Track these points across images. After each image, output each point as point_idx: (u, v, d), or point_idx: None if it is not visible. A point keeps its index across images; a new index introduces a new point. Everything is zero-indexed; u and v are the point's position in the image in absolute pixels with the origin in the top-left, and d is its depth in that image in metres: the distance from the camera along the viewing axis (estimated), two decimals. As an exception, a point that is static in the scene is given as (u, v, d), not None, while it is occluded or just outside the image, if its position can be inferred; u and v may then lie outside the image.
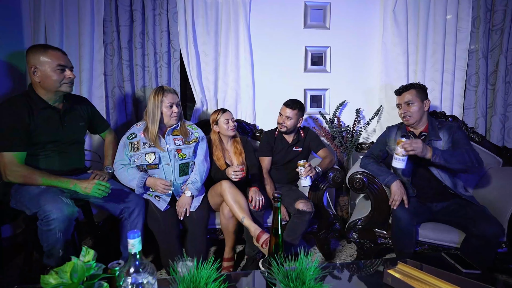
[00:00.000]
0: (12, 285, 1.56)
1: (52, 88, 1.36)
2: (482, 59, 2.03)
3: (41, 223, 1.22)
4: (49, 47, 1.36)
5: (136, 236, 0.78)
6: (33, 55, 1.32)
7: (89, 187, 1.33)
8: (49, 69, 1.32)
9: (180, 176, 1.65)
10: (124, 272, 0.79)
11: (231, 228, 1.66)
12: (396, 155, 1.45)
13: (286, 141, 1.98)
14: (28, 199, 1.28)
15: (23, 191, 1.33)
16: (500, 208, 1.49)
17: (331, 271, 1.14)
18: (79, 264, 0.77)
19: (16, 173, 1.30)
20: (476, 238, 1.36)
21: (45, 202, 1.22)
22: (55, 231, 1.20)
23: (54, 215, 1.19)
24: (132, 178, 1.55)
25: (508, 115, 2.04)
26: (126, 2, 2.07)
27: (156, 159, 1.58)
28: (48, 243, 1.22)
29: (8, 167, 1.28)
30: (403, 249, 1.54)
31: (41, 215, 1.22)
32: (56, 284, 0.73)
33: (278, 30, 2.33)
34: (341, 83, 2.42)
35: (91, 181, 1.34)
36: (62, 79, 1.36)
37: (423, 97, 1.65)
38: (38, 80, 1.33)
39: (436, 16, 2.15)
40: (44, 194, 1.27)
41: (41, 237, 1.24)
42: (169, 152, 1.62)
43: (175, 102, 1.61)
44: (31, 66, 1.32)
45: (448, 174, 1.58)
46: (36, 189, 1.31)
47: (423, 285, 1.03)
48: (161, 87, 1.62)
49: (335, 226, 1.87)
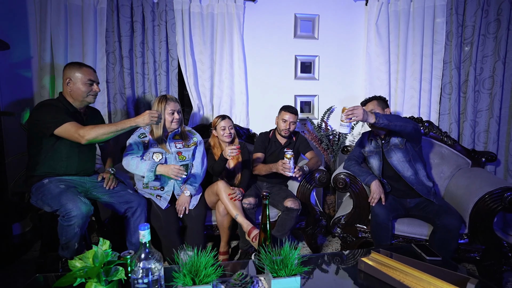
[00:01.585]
0: (28, 276, 1.70)
1: (80, 98, 1.57)
2: (454, 69, 2.23)
3: (62, 219, 1.37)
4: (84, 65, 1.59)
5: (146, 228, 0.94)
6: (70, 69, 1.55)
7: (145, 118, 1.46)
8: (81, 82, 1.54)
9: None
10: (136, 258, 0.95)
11: (226, 224, 1.82)
12: (342, 122, 1.58)
13: (280, 143, 2.14)
14: (50, 198, 1.43)
15: (44, 190, 1.47)
16: (464, 204, 1.69)
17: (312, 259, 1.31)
18: (99, 252, 0.92)
19: (87, 131, 1.43)
20: (440, 231, 1.55)
21: (66, 201, 1.37)
22: (74, 227, 1.35)
23: (75, 212, 1.35)
24: (141, 165, 1.64)
25: (478, 121, 2.24)
26: (127, 13, 2.21)
27: (163, 159, 1.74)
28: (67, 237, 1.37)
29: (77, 131, 1.43)
30: (381, 241, 1.71)
31: (62, 212, 1.37)
32: (81, 267, 0.88)
33: (270, 40, 2.50)
34: (329, 90, 2.60)
35: (145, 113, 1.47)
36: (89, 91, 1.58)
37: (384, 106, 1.86)
38: (69, 90, 1.55)
39: (415, 29, 2.34)
40: (65, 193, 1.42)
41: (60, 231, 1.39)
42: (172, 154, 1.78)
43: (176, 109, 1.77)
44: (66, 78, 1.54)
45: (409, 163, 1.76)
46: (56, 188, 1.45)
47: (391, 270, 1.20)
48: (164, 95, 1.78)
49: (321, 223, 2.05)
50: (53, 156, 1.53)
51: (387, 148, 1.83)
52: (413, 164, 1.77)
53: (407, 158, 1.77)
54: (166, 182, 1.77)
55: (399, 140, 1.79)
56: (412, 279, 1.13)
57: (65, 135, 1.45)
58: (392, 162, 1.80)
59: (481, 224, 1.60)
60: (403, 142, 1.78)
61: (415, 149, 1.78)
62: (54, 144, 1.52)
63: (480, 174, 1.85)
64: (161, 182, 1.76)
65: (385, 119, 1.57)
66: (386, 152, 1.83)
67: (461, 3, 2.19)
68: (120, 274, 0.94)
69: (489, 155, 2.04)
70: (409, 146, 1.77)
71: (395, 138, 1.81)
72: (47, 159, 1.53)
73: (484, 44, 2.19)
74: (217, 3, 2.33)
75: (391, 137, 1.82)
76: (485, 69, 2.20)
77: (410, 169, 1.76)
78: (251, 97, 2.51)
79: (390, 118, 1.60)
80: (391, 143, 1.81)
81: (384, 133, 1.85)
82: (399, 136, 1.78)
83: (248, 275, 1.07)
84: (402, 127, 1.61)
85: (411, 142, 1.77)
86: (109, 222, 1.76)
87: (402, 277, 1.15)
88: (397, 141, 1.80)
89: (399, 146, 1.78)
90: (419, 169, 1.78)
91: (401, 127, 1.61)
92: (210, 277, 0.98)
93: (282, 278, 1.03)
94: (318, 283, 1.18)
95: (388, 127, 1.60)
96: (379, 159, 1.86)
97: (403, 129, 1.62)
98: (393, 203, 1.78)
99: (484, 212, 1.59)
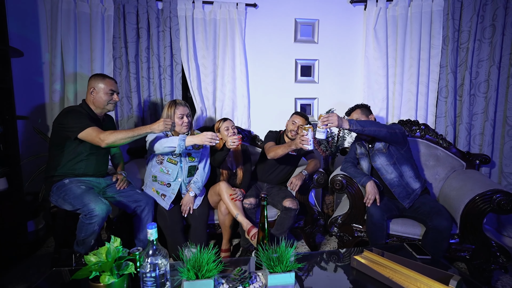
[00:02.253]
0: (42, 270, 1.82)
1: (101, 106, 1.72)
2: (450, 73, 2.28)
3: (84, 218, 1.48)
4: (107, 76, 1.76)
5: (153, 227, 1.04)
6: (94, 80, 1.71)
7: (160, 125, 1.59)
8: (103, 92, 1.70)
9: (187, 177, 1.90)
10: (144, 254, 1.04)
11: (227, 223, 1.92)
12: (318, 128, 1.65)
13: None
14: (72, 197, 1.54)
15: (66, 190, 1.58)
16: (456, 205, 1.75)
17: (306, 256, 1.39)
18: (111, 248, 1.02)
19: (107, 136, 1.55)
20: (432, 231, 1.62)
21: (89, 201, 1.49)
22: (94, 225, 1.47)
23: (97, 212, 1.46)
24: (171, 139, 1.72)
25: (474, 124, 2.30)
26: (133, 20, 2.31)
27: (178, 157, 1.84)
28: (86, 233, 1.48)
29: (98, 136, 1.55)
30: (376, 240, 1.79)
31: (85, 211, 1.48)
32: (96, 262, 0.98)
33: (271, 44, 2.58)
34: (328, 93, 2.67)
35: (159, 121, 1.61)
36: (110, 100, 1.73)
37: (367, 114, 1.96)
38: (92, 98, 1.71)
39: (412, 34, 2.40)
40: (87, 194, 1.53)
41: (80, 228, 1.50)
42: (182, 155, 1.87)
43: (185, 113, 1.87)
44: (91, 87, 1.70)
45: (393, 166, 1.85)
46: (78, 189, 1.57)
47: (382, 268, 1.28)
48: (174, 100, 1.88)
49: (319, 222, 2.13)
50: (74, 158, 1.65)
51: (372, 152, 1.92)
52: (398, 167, 1.85)
53: (391, 161, 1.85)
54: (175, 178, 1.85)
55: (382, 144, 1.87)
56: (401, 276, 1.21)
57: (87, 139, 1.58)
58: (376, 166, 1.89)
59: (471, 224, 1.67)
60: (386, 147, 1.86)
61: (400, 152, 1.85)
62: (76, 147, 1.65)
63: (473, 176, 1.91)
64: (170, 176, 1.84)
65: (358, 125, 1.65)
66: (371, 156, 1.92)
67: (458, 9, 2.24)
68: (130, 269, 1.04)
69: (483, 157, 2.10)
70: (393, 149, 1.85)
71: (379, 143, 1.89)
72: (68, 160, 1.65)
73: (480, 49, 2.24)
74: (219, 9, 2.41)
75: (375, 142, 1.90)
76: (481, 73, 2.25)
77: (394, 171, 1.85)
78: (252, 100, 2.60)
79: (364, 124, 1.68)
80: (375, 148, 1.90)
81: (369, 139, 1.94)
82: (381, 141, 1.86)
83: (246, 270, 1.16)
84: (376, 132, 1.70)
85: (394, 145, 1.85)
86: (117, 220, 1.86)
87: (392, 274, 1.23)
88: (380, 146, 1.88)
89: (383, 151, 1.87)
90: (405, 171, 1.85)
91: (375, 132, 1.70)
92: (212, 272, 1.07)
93: (278, 273, 1.11)
94: (312, 279, 1.26)
95: (362, 132, 1.69)
96: (368, 162, 1.96)
97: (377, 134, 1.71)
98: (388, 204, 1.85)
99: (474, 213, 1.65)
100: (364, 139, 1.98)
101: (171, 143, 1.70)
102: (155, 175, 1.83)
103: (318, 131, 1.64)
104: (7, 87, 1.88)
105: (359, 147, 2.03)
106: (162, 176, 1.84)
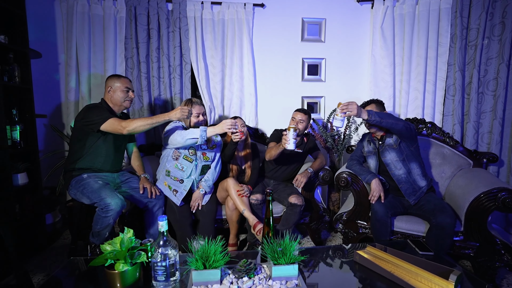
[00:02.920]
0: (60, 260, 1.93)
1: (118, 103, 1.82)
2: (458, 72, 2.27)
3: (101, 211, 1.57)
4: (122, 76, 1.87)
5: (164, 219, 1.10)
6: (111, 80, 1.83)
7: (177, 113, 1.67)
8: (119, 89, 1.81)
9: (200, 175, 1.96)
10: (155, 245, 1.11)
11: (235, 218, 1.98)
12: (336, 115, 1.67)
13: None
14: (90, 191, 1.63)
15: (85, 184, 1.67)
16: (461, 203, 1.76)
17: (310, 250, 1.44)
18: (125, 238, 1.09)
19: (128, 123, 1.65)
20: (435, 228, 1.64)
21: (105, 196, 1.57)
22: (109, 218, 1.56)
23: (113, 206, 1.55)
24: (191, 130, 1.75)
25: (482, 122, 2.28)
26: (144, 21, 2.38)
27: (194, 155, 1.91)
28: (101, 226, 1.57)
29: (120, 124, 1.65)
30: (380, 237, 1.82)
31: (101, 205, 1.56)
32: (111, 250, 1.05)
33: (278, 44, 2.61)
34: (335, 91, 2.69)
35: (176, 109, 1.68)
36: (126, 97, 1.83)
37: (382, 110, 1.96)
38: (110, 96, 1.82)
39: (419, 32, 2.39)
40: (104, 189, 1.62)
41: (96, 221, 1.58)
42: (197, 154, 1.93)
43: (201, 112, 1.93)
44: (108, 86, 1.81)
45: (402, 162, 1.86)
46: (96, 184, 1.66)
47: (384, 262, 1.31)
48: (190, 99, 1.95)
49: (325, 218, 2.17)
50: (93, 152, 1.75)
51: (382, 148, 1.92)
52: (406, 164, 1.86)
53: (400, 158, 1.86)
54: (188, 176, 1.90)
55: (393, 140, 1.88)
56: (402, 271, 1.24)
57: (109, 129, 1.67)
58: (386, 161, 1.90)
59: (476, 222, 1.68)
60: (397, 142, 1.87)
61: (410, 149, 1.86)
62: (96, 143, 1.75)
63: (479, 174, 1.91)
64: (184, 173, 1.89)
65: (377, 116, 1.66)
66: (381, 152, 1.93)
67: (466, 6, 2.22)
68: (143, 258, 1.11)
69: (491, 156, 2.09)
70: (404, 145, 1.86)
71: (389, 139, 1.90)
72: (88, 155, 1.75)
73: (489, 47, 2.22)
74: (227, 10, 2.46)
75: (386, 138, 1.91)
76: (489, 71, 2.23)
77: (403, 168, 1.86)
78: (260, 98, 2.64)
79: (382, 115, 1.69)
80: (386, 143, 1.91)
81: (381, 134, 1.95)
82: (393, 135, 1.88)
83: (252, 262, 1.21)
84: (394, 124, 1.70)
85: (405, 141, 1.85)
86: (129, 214, 1.95)
87: (394, 269, 1.26)
88: (391, 141, 1.89)
89: (393, 146, 1.88)
90: (414, 168, 1.86)
91: (392, 124, 1.70)
92: (219, 262, 1.13)
93: (282, 265, 1.16)
94: (315, 272, 1.30)
95: (380, 124, 1.69)
96: (376, 160, 1.96)
97: (394, 126, 1.71)
98: (392, 201, 1.87)
99: (479, 211, 1.66)
100: (375, 134, 1.98)
101: (193, 135, 1.72)
102: (168, 170, 1.90)
103: (336, 119, 1.65)
104: (27, 87, 1.99)
105: (368, 145, 2.04)
106: (175, 172, 1.90)
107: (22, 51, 1.97)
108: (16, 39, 1.96)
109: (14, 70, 1.93)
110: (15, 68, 1.94)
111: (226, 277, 1.16)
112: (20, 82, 1.97)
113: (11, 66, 1.92)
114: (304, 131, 2.19)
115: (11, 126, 1.89)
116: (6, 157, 1.76)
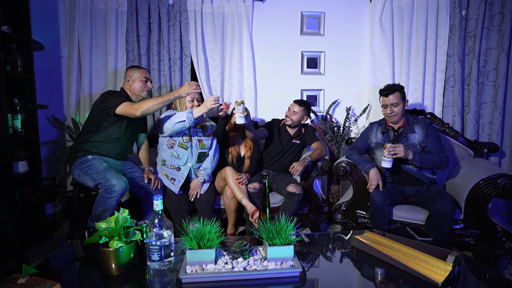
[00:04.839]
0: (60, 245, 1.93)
1: (136, 92, 1.88)
2: (457, 62, 2.26)
3: (105, 192, 1.58)
4: (141, 67, 1.96)
5: (159, 198, 1.11)
6: (131, 69, 1.90)
7: (186, 88, 1.68)
8: (138, 79, 1.87)
9: (197, 163, 1.97)
10: (150, 225, 1.11)
11: (233, 207, 1.97)
12: (384, 157, 1.72)
13: (289, 133, 2.26)
14: (96, 172, 1.64)
15: (90, 165, 1.69)
16: (460, 191, 1.74)
17: (307, 235, 1.43)
18: (120, 217, 1.10)
19: (140, 104, 1.67)
20: (434, 214, 1.62)
21: (111, 177, 1.59)
22: (112, 199, 1.57)
23: (117, 187, 1.56)
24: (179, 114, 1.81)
25: (482, 113, 2.26)
26: (145, 15, 2.41)
27: (189, 142, 1.92)
28: (104, 207, 1.59)
29: (133, 106, 1.68)
30: (379, 225, 1.80)
31: (106, 186, 1.57)
32: (105, 228, 1.06)
33: (277, 37, 2.63)
34: (334, 84, 2.69)
35: (184, 85, 1.70)
36: (144, 87, 1.89)
37: (404, 98, 1.92)
38: (129, 86, 1.88)
39: (418, 23, 2.39)
40: (109, 170, 1.64)
41: (99, 202, 1.60)
42: (193, 140, 1.95)
43: (195, 98, 1.97)
44: (128, 76, 1.88)
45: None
46: (101, 165, 1.67)
47: (382, 246, 1.30)
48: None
49: (324, 209, 2.15)
50: (105, 137, 1.78)
51: (398, 140, 1.87)
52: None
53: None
54: (185, 163, 1.92)
55: (418, 141, 1.84)
56: (400, 254, 1.22)
57: (123, 112, 1.68)
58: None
59: (476, 209, 1.66)
60: (422, 144, 1.83)
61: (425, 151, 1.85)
62: (110, 127, 1.78)
63: (479, 163, 1.89)
64: (180, 161, 1.92)
65: (419, 162, 1.75)
66: (400, 141, 1.86)
67: (465, -3, 2.22)
68: (137, 236, 1.11)
69: (491, 146, 2.07)
70: (427, 149, 1.84)
71: (414, 139, 1.86)
72: (99, 138, 1.77)
73: (488, 37, 2.21)
74: (227, 3, 2.49)
75: (408, 133, 1.87)
76: (489, 61, 2.22)
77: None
78: (259, 91, 2.65)
79: (425, 160, 1.76)
80: (409, 141, 1.86)
81: (399, 126, 1.92)
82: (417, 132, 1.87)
83: (247, 243, 1.21)
84: (432, 168, 1.81)
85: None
86: (128, 203, 1.96)
87: (391, 252, 1.24)
88: (415, 141, 1.85)
89: (417, 147, 1.84)
90: None
91: (430, 168, 1.81)
92: (213, 241, 1.12)
93: (277, 246, 1.15)
94: (312, 256, 1.30)
95: (420, 166, 1.79)
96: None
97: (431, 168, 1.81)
98: (391, 190, 1.86)
99: (479, 197, 1.64)
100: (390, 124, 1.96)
101: (180, 118, 1.77)
102: (164, 159, 1.91)
103: (384, 160, 1.73)
104: (29, 78, 2.02)
105: (377, 136, 1.98)
106: (172, 160, 1.91)
107: (25, 42, 2.01)
108: (19, 30, 2.00)
109: (17, 60, 1.97)
110: (18, 58, 1.97)
111: (221, 258, 1.16)
112: (22, 72, 2.00)
113: (14, 56, 1.96)
114: (298, 122, 2.19)
115: (12, 114, 1.92)
116: (8, 144, 1.79)
